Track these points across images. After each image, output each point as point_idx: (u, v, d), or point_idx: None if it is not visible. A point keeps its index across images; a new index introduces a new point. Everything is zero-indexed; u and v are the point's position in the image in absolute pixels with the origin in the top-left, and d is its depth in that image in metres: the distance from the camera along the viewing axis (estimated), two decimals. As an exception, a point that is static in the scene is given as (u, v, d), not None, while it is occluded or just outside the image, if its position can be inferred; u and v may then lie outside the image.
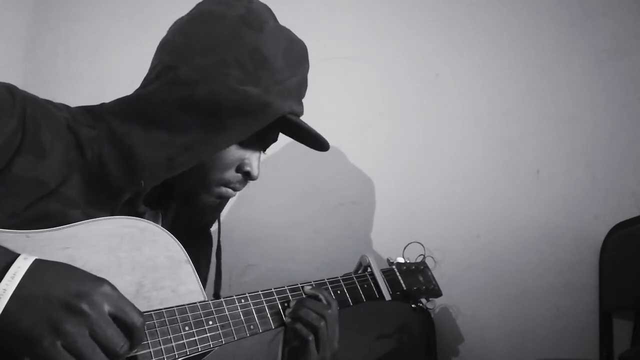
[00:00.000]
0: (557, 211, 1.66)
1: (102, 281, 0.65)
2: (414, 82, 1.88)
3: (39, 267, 0.63)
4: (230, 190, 0.92)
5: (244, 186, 0.94)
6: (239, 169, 0.91)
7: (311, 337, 0.92)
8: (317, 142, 0.95)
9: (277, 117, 0.84)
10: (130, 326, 0.65)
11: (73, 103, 0.92)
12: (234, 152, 0.88)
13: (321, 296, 0.97)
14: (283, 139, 1.00)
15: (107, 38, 2.20)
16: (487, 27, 1.83)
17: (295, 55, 0.89)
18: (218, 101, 0.81)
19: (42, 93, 0.89)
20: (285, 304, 0.95)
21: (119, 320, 0.64)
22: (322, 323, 0.92)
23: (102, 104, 0.90)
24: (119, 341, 0.63)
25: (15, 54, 2.23)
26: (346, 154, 1.89)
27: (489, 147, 1.77)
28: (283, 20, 0.95)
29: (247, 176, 0.92)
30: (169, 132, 0.82)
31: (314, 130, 0.92)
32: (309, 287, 1.00)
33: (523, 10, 1.81)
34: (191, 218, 0.98)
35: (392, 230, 1.77)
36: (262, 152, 0.95)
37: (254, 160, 0.92)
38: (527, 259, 1.65)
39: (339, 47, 1.96)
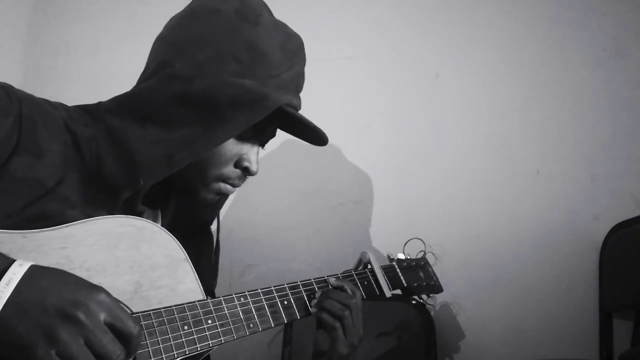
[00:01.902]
0: (557, 211, 1.66)
1: (98, 289, 0.64)
2: (414, 82, 1.88)
3: (35, 274, 0.62)
4: (229, 187, 0.91)
5: (242, 182, 0.92)
6: (237, 165, 0.90)
7: (338, 325, 0.97)
8: (315, 136, 0.93)
9: (274, 108, 0.83)
10: (127, 335, 0.64)
11: (73, 102, 0.92)
12: (232, 148, 0.87)
13: (346, 286, 1.03)
14: (282, 138, 1.00)
15: (107, 38, 2.20)
16: (487, 27, 1.83)
17: (291, 48, 0.88)
18: (215, 95, 0.80)
19: (42, 92, 0.88)
20: (285, 302, 0.95)
21: (115, 329, 0.63)
22: (347, 312, 0.98)
23: (100, 103, 0.89)
24: (115, 350, 0.62)
25: (15, 54, 2.23)
26: (346, 153, 1.89)
27: (489, 147, 1.76)
28: (283, 20, 0.94)
29: (246, 171, 0.91)
30: (166, 128, 0.81)
31: (312, 124, 0.90)
32: (334, 279, 1.05)
33: (523, 10, 1.81)
34: (191, 215, 0.97)
35: (393, 230, 1.77)
36: (260, 147, 0.94)
37: (252, 155, 0.90)
38: (527, 258, 1.65)
39: (339, 47, 1.96)
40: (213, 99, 0.80)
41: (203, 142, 0.81)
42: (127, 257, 0.78)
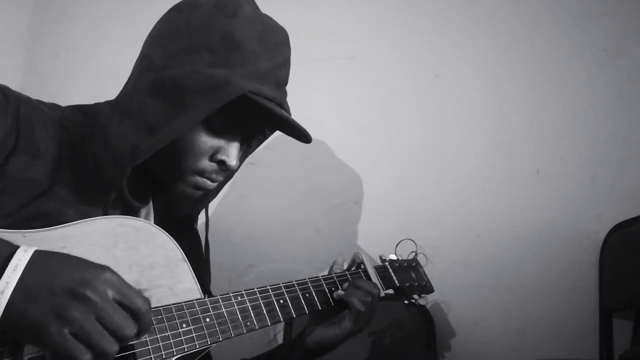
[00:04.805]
0: (557, 211, 1.66)
1: (104, 268, 0.65)
2: (413, 82, 1.88)
3: (40, 258, 0.63)
4: (207, 181, 0.89)
5: (222, 177, 0.90)
6: (212, 158, 0.87)
7: (364, 308, 1.03)
8: (295, 131, 0.90)
9: (237, 94, 0.79)
10: (135, 311, 0.65)
11: (73, 103, 0.93)
12: (207, 140, 0.85)
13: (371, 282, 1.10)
14: (281, 139, 1.00)
15: (107, 38, 2.21)
16: (486, 27, 1.84)
17: (271, 40, 0.85)
18: (182, 82, 0.79)
19: (42, 93, 0.89)
20: (281, 301, 0.96)
21: (123, 306, 0.64)
22: (370, 299, 1.05)
23: (96, 104, 0.91)
24: (127, 324, 0.63)
25: (15, 54, 2.23)
26: (346, 153, 1.89)
27: (488, 147, 1.77)
28: (283, 21, 0.94)
29: (222, 165, 0.88)
30: (135, 118, 0.81)
31: (278, 109, 0.85)
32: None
33: (523, 10, 1.81)
34: (170, 209, 0.96)
35: (393, 230, 1.76)
36: (240, 142, 0.91)
37: (230, 148, 0.88)
38: (527, 258, 1.65)
39: (339, 47, 1.96)
40: (179, 86, 0.79)
41: (165, 129, 0.79)
42: (125, 257, 0.78)
